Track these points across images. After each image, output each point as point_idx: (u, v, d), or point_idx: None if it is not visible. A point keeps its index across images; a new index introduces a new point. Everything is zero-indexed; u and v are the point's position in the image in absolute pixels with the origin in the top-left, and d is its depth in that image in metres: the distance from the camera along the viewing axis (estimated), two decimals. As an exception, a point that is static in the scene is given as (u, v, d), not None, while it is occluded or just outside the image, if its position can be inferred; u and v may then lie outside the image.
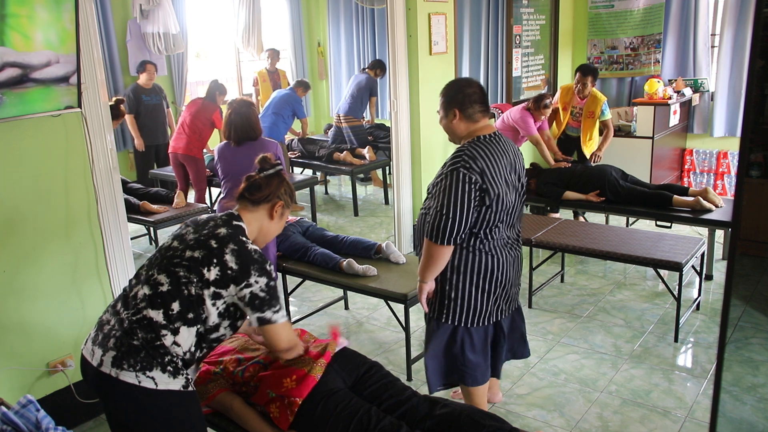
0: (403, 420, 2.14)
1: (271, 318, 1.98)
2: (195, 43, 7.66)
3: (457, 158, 2.38)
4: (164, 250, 2.02)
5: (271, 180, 2.15)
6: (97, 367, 1.91)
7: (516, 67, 6.31)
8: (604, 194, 4.63)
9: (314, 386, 2.18)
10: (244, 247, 1.97)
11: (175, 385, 1.92)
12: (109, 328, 1.96)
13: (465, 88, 2.48)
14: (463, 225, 2.36)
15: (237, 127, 3.54)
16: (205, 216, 2.13)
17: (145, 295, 1.94)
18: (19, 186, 2.76)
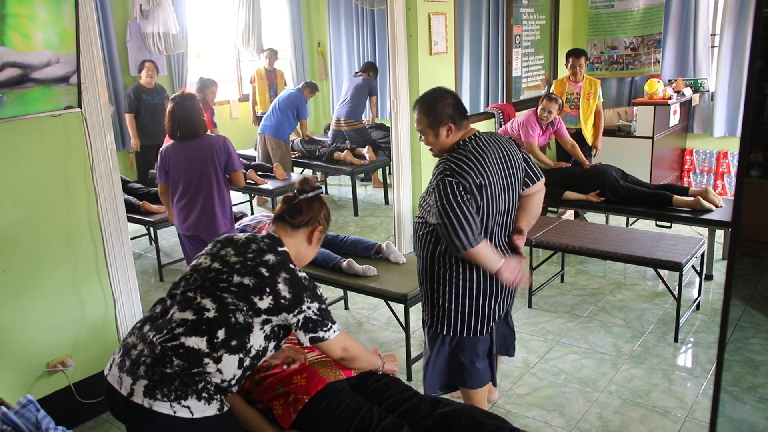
0: (405, 419, 2.14)
1: (323, 337, 1.97)
2: (195, 43, 7.65)
3: (438, 170, 2.41)
4: (204, 272, 1.93)
5: (313, 204, 2.08)
6: (127, 397, 1.82)
7: (516, 67, 6.31)
8: (604, 194, 4.63)
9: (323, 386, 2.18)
10: (295, 276, 1.93)
11: (211, 410, 1.86)
12: (137, 354, 1.86)
13: (447, 99, 2.43)
14: (473, 224, 2.34)
15: (183, 121, 3.38)
16: (242, 236, 2.04)
17: (186, 320, 1.85)
18: (19, 186, 2.76)
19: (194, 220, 3.48)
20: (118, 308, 3.17)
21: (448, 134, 2.43)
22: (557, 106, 4.97)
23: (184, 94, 3.48)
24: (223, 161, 3.46)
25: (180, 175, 3.45)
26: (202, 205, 3.45)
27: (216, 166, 3.44)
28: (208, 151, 3.43)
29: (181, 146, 3.44)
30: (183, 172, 3.44)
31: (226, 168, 3.48)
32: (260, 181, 5.53)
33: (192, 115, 3.39)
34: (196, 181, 3.44)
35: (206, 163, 3.42)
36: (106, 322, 3.15)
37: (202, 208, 3.46)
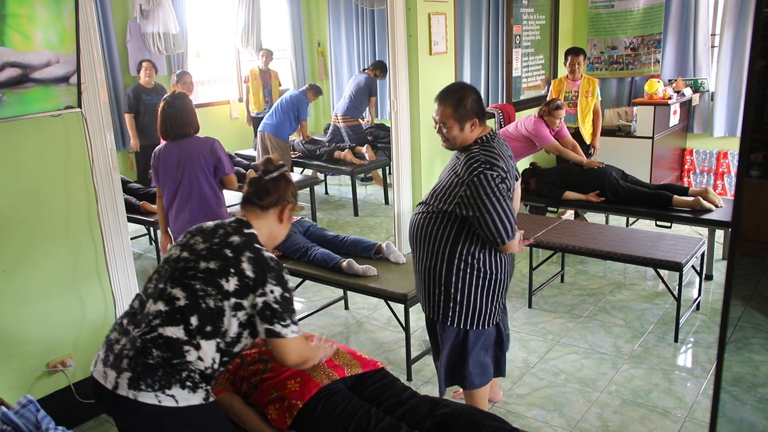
0: (403, 420, 2.14)
1: (279, 332, 1.89)
2: (195, 43, 7.65)
3: (475, 162, 2.40)
4: (174, 262, 1.95)
5: (279, 183, 2.07)
6: (112, 390, 1.83)
7: (516, 67, 6.31)
8: (604, 194, 4.63)
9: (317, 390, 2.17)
10: (260, 255, 1.92)
11: (196, 399, 1.86)
12: (119, 348, 1.88)
13: (473, 95, 2.49)
14: (510, 218, 2.41)
15: (173, 120, 3.32)
16: (211, 223, 2.05)
17: (160, 311, 1.87)
18: (19, 186, 2.76)
19: (184, 223, 3.38)
20: (118, 308, 3.17)
21: (472, 129, 2.48)
22: (564, 111, 5.01)
23: (176, 93, 3.44)
24: (211, 165, 3.38)
25: (168, 177, 3.40)
26: (191, 208, 3.38)
27: (204, 168, 3.37)
28: (194, 153, 3.35)
29: (171, 147, 3.38)
30: (171, 174, 3.38)
31: (216, 172, 3.40)
32: None
33: (183, 114, 3.34)
34: (185, 184, 3.36)
35: (193, 166, 3.35)
36: (106, 322, 3.15)
37: (192, 212, 3.38)
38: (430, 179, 5.15)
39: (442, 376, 2.68)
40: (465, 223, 2.46)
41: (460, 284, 2.51)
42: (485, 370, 2.68)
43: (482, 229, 2.40)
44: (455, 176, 2.46)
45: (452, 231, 2.49)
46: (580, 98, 5.39)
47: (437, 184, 2.58)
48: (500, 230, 2.38)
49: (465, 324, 2.56)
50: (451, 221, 2.48)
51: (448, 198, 2.47)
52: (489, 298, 2.55)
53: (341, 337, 3.89)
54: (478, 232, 2.44)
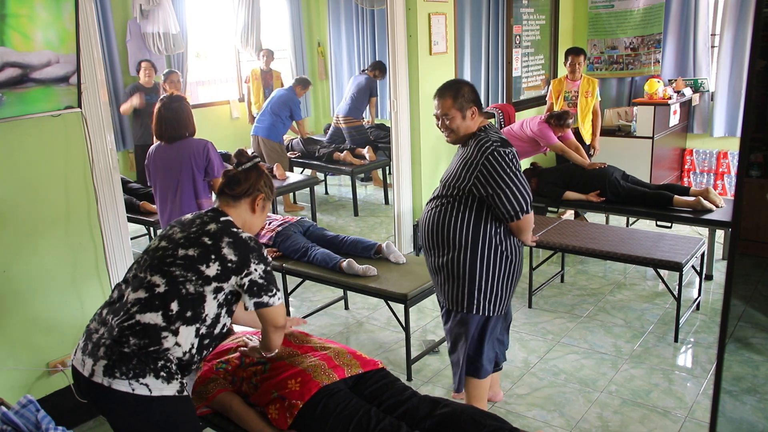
0: (404, 420, 2.14)
1: (267, 302, 2.02)
2: (195, 43, 7.64)
3: (486, 142, 2.49)
4: (152, 252, 2.02)
5: (250, 173, 2.16)
6: (89, 377, 1.89)
7: (516, 67, 6.30)
8: (604, 194, 4.63)
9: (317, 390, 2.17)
10: (239, 237, 2.00)
11: (170, 390, 1.91)
12: (97, 337, 1.93)
13: (467, 86, 2.60)
14: (527, 192, 2.49)
15: (169, 122, 3.32)
16: (188, 215, 2.14)
17: (139, 299, 1.91)
18: (19, 186, 2.76)
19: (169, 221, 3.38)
20: (118, 308, 3.17)
21: (473, 117, 2.57)
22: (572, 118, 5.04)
23: (173, 95, 3.44)
24: (202, 166, 3.37)
25: (159, 177, 3.41)
26: (181, 209, 3.36)
27: (193, 170, 3.36)
28: (186, 154, 3.35)
29: (165, 148, 3.39)
30: (162, 174, 3.39)
31: (206, 174, 3.39)
32: None
33: (179, 116, 3.34)
34: (174, 185, 3.37)
35: (184, 167, 3.35)
36: (106, 322, 3.15)
37: (182, 212, 3.31)
38: (431, 179, 5.15)
39: (464, 368, 2.70)
40: (483, 206, 2.52)
41: (485, 270, 2.56)
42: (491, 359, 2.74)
43: (500, 206, 2.47)
44: (468, 161, 2.52)
45: (471, 215, 2.53)
46: (580, 98, 5.40)
47: (447, 174, 2.64)
48: (517, 205, 2.45)
49: (487, 311, 2.60)
50: (469, 206, 2.53)
51: (463, 182, 2.52)
52: (509, 283, 2.63)
53: (341, 337, 3.89)
54: (495, 210, 2.49)
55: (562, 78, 5.53)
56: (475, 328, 2.64)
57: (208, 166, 3.38)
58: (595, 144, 5.49)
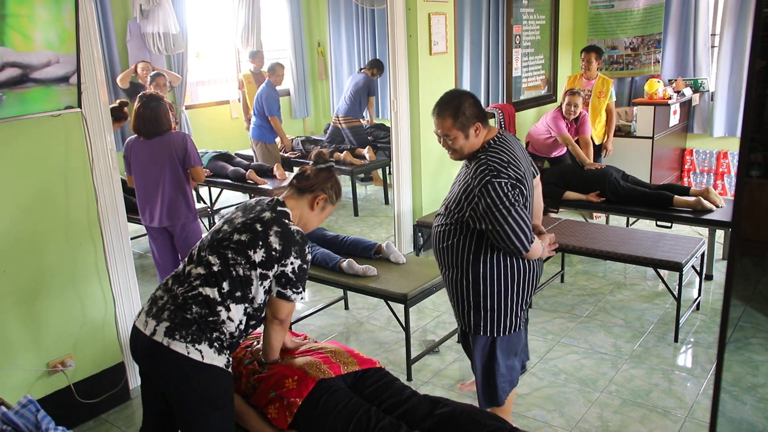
0: (403, 420, 2.14)
1: (289, 296, 2.13)
2: (195, 43, 7.65)
3: (483, 170, 2.31)
4: (215, 233, 2.17)
5: (320, 173, 2.29)
6: (150, 336, 2.01)
7: (516, 67, 6.30)
8: (604, 194, 4.63)
9: (316, 387, 2.18)
10: (287, 229, 2.11)
11: (219, 361, 2.03)
12: (163, 302, 2.08)
13: (469, 99, 2.40)
14: (527, 226, 2.33)
15: (147, 120, 3.60)
16: (254, 200, 2.28)
17: (200, 274, 2.07)
18: (19, 186, 2.76)
19: (158, 211, 3.73)
20: (118, 308, 3.17)
21: (477, 133, 2.38)
22: (581, 99, 5.03)
23: (150, 94, 3.72)
24: (181, 157, 3.66)
25: (140, 170, 3.70)
26: (163, 197, 3.69)
27: (175, 161, 3.66)
28: (167, 147, 3.65)
29: (144, 143, 3.67)
30: (144, 167, 3.68)
31: (184, 163, 3.68)
32: (260, 181, 5.54)
33: (157, 114, 3.62)
34: (157, 176, 3.67)
35: (166, 159, 3.64)
36: (106, 322, 3.15)
37: (163, 201, 3.70)
38: (431, 179, 5.15)
39: (480, 388, 2.63)
40: (483, 234, 2.40)
41: (488, 293, 2.45)
42: (515, 372, 2.64)
43: (499, 242, 2.34)
44: (466, 185, 2.39)
45: (472, 241, 2.42)
46: (593, 98, 5.43)
47: (449, 195, 2.52)
48: (516, 241, 2.31)
49: (494, 332, 2.50)
50: (470, 231, 2.42)
51: (463, 210, 2.40)
52: (516, 304, 2.49)
53: (341, 337, 3.89)
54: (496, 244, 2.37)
55: (578, 75, 5.57)
56: (483, 348, 2.56)
57: (185, 156, 3.67)
58: (608, 145, 5.49)
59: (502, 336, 2.51)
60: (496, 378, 2.57)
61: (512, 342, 2.58)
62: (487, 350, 2.56)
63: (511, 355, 2.61)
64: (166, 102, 3.84)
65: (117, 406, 3.20)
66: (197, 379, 2.00)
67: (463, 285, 2.49)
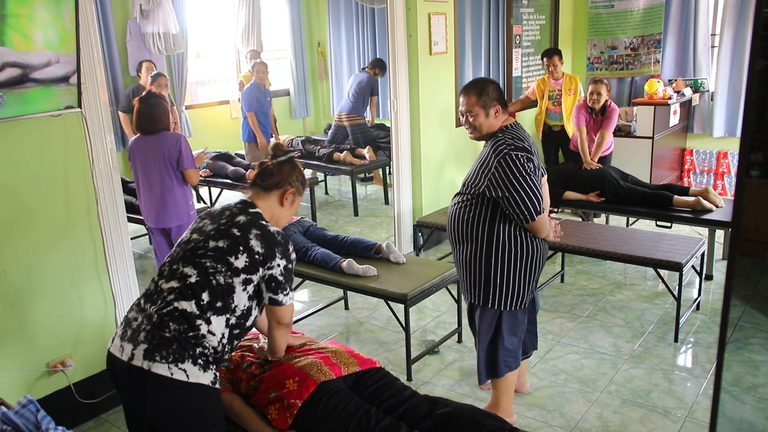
0: (403, 420, 2.14)
1: (281, 300, 2.07)
2: (195, 43, 7.65)
3: (501, 145, 2.53)
4: (184, 244, 2.06)
5: (283, 166, 2.18)
6: (128, 362, 1.90)
7: (516, 67, 6.30)
8: (604, 195, 4.63)
9: (317, 388, 2.18)
10: (267, 230, 2.04)
11: (205, 379, 1.94)
12: (137, 324, 1.96)
13: (493, 84, 2.64)
14: (537, 195, 2.52)
15: (143, 117, 3.66)
16: (218, 207, 2.18)
17: (173, 288, 1.96)
18: (19, 186, 2.76)
19: (153, 211, 3.78)
20: (118, 308, 3.17)
21: (496, 115, 2.61)
22: (605, 87, 4.95)
23: (150, 92, 3.76)
24: (174, 158, 3.68)
25: (138, 168, 3.75)
26: (157, 197, 3.73)
27: (167, 161, 3.68)
28: (160, 146, 3.68)
29: (142, 141, 3.72)
30: (140, 165, 3.73)
31: (178, 165, 3.70)
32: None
33: (153, 111, 3.65)
34: (151, 175, 3.71)
35: (159, 158, 3.68)
36: (106, 322, 3.15)
37: (156, 200, 3.74)
38: (431, 179, 5.15)
39: (482, 362, 2.79)
40: (498, 206, 2.58)
41: (499, 265, 2.62)
42: (517, 351, 2.79)
43: (511, 208, 2.52)
44: (484, 163, 2.58)
45: (488, 213, 2.60)
46: (564, 96, 5.47)
47: (468, 173, 2.71)
48: (526, 208, 2.49)
49: (501, 305, 2.66)
50: (485, 205, 2.60)
51: (480, 183, 2.58)
52: (525, 279, 2.66)
53: (341, 337, 3.89)
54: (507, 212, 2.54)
55: (545, 77, 5.61)
56: (490, 321, 2.72)
57: (179, 158, 3.69)
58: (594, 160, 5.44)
59: (508, 310, 2.68)
60: (499, 351, 2.73)
61: (517, 319, 2.74)
62: (494, 324, 2.72)
63: (517, 333, 2.76)
64: (167, 102, 3.84)
65: (117, 406, 3.20)
66: (185, 400, 1.91)
67: (476, 257, 2.66)
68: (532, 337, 2.99)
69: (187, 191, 3.83)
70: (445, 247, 5.32)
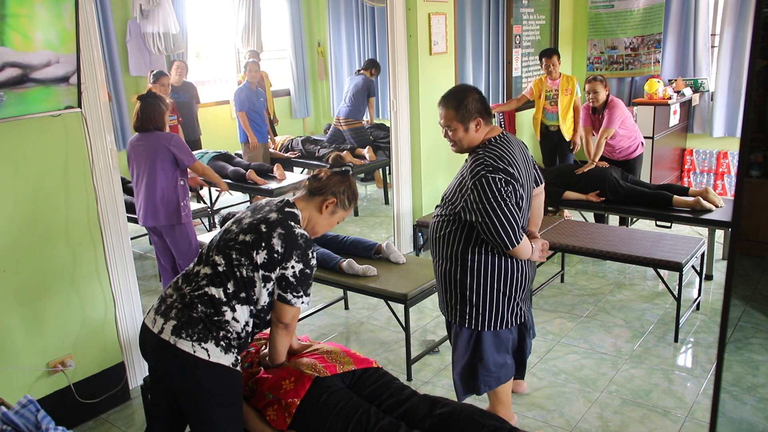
0: (403, 419, 2.14)
1: (290, 300, 2.09)
2: (195, 43, 7.65)
3: (478, 165, 2.37)
4: (223, 233, 2.16)
5: (334, 176, 2.26)
6: (157, 334, 2.03)
7: (516, 67, 6.31)
8: (603, 194, 4.63)
9: (314, 386, 2.18)
10: (291, 231, 2.08)
11: (226, 360, 2.04)
12: (171, 301, 2.09)
13: (474, 94, 2.45)
14: (515, 222, 2.36)
15: (140, 114, 3.70)
16: (264, 200, 2.26)
17: (206, 274, 2.08)
18: (19, 186, 2.76)
19: (141, 209, 3.85)
20: (118, 308, 3.17)
21: (477, 129, 2.45)
22: (600, 84, 4.87)
23: (150, 92, 3.81)
24: (167, 158, 3.72)
25: (133, 166, 3.80)
26: (147, 195, 3.78)
27: (155, 162, 3.71)
28: (153, 146, 3.72)
29: (139, 138, 3.76)
30: (134, 164, 3.79)
31: (179, 164, 3.77)
32: (260, 181, 5.54)
33: (148, 110, 3.69)
34: (144, 174, 3.75)
35: (151, 158, 3.72)
36: (106, 322, 3.15)
37: (145, 199, 3.80)
38: (431, 179, 5.15)
39: (457, 381, 2.69)
40: (474, 227, 2.45)
41: (474, 285, 2.51)
42: (505, 368, 2.67)
43: (486, 235, 2.39)
44: (461, 178, 2.46)
45: (463, 233, 2.49)
46: (560, 96, 5.47)
47: (448, 188, 2.58)
48: (503, 236, 2.35)
49: (478, 325, 2.56)
50: (462, 224, 2.48)
51: (457, 202, 2.46)
52: (504, 300, 2.54)
53: (341, 337, 3.89)
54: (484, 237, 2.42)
55: (543, 77, 5.60)
56: (467, 341, 2.61)
57: (176, 156, 3.74)
58: (575, 140, 5.50)
59: (488, 331, 2.57)
60: (479, 371, 2.62)
61: (501, 338, 2.62)
62: (472, 343, 2.61)
63: (502, 351, 2.65)
64: (166, 102, 3.84)
65: (117, 406, 3.20)
66: (203, 377, 2.01)
67: (451, 276, 2.55)
68: (518, 366, 2.84)
69: (180, 193, 3.81)
70: (445, 247, 5.32)
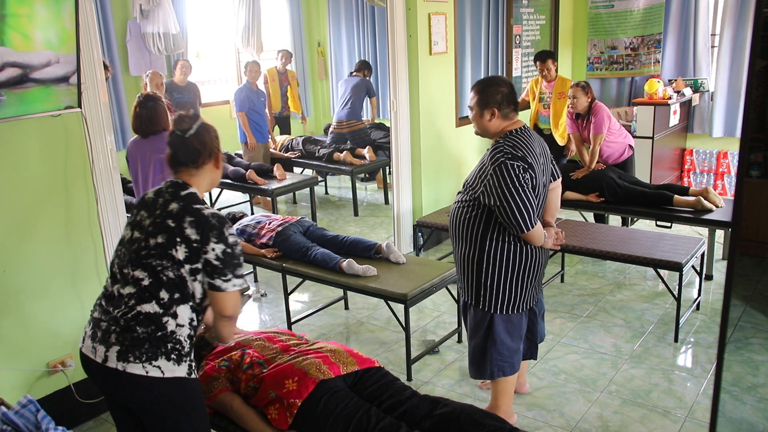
0: (403, 420, 2.14)
1: (219, 286, 1.94)
2: (195, 43, 7.65)
3: (498, 152, 2.50)
4: (128, 244, 2.00)
5: (203, 137, 2.05)
6: (102, 363, 1.92)
7: (516, 67, 6.30)
8: (602, 195, 4.63)
9: (317, 388, 2.18)
10: (200, 214, 1.95)
11: (181, 372, 1.95)
12: (106, 326, 1.95)
13: (501, 87, 2.58)
14: (530, 208, 2.48)
15: (143, 120, 3.58)
16: (150, 193, 2.07)
17: (131, 293, 1.94)
18: (19, 186, 2.76)
19: None
20: (118, 308, 3.17)
21: (491, 119, 2.57)
22: (580, 90, 4.71)
23: (148, 94, 3.72)
24: None
25: (137, 170, 3.68)
26: None
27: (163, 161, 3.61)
28: (158, 146, 3.62)
29: (141, 142, 3.66)
30: (139, 166, 3.67)
31: None
32: (260, 181, 5.54)
33: (152, 113, 3.60)
34: (150, 174, 3.65)
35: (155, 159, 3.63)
36: (106, 322, 3.15)
37: None
38: (431, 179, 5.15)
39: (471, 360, 2.79)
40: (493, 212, 2.56)
41: (490, 269, 2.61)
42: (513, 356, 2.74)
43: (503, 218, 2.50)
44: (482, 168, 2.57)
45: (482, 218, 2.60)
46: (553, 99, 5.39)
47: (469, 175, 2.70)
48: (519, 219, 2.46)
49: (491, 308, 2.65)
50: (482, 209, 2.59)
51: (477, 188, 2.58)
52: (518, 285, 2.64)
53: (341, 337, 3.89)
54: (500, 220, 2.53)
55: (539, 79, 5.57)
56: (479, 322, 2.70)
57: None
58: (570, 145, 5.36)
59: (501, 314, 2.66)
60: (490, 354, 2.70)
61: (514, 323, 2.71)
62: (485, 325, 2.70)
63: (515, 338, 2.73)
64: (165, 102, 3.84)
65: (117, 406, 3.20)
66: (162, 394, 1.94)
67: (470, 258, 2.66)
68: (531, 346, 2.93)
69: None
70: (445, 247, 5.32)
